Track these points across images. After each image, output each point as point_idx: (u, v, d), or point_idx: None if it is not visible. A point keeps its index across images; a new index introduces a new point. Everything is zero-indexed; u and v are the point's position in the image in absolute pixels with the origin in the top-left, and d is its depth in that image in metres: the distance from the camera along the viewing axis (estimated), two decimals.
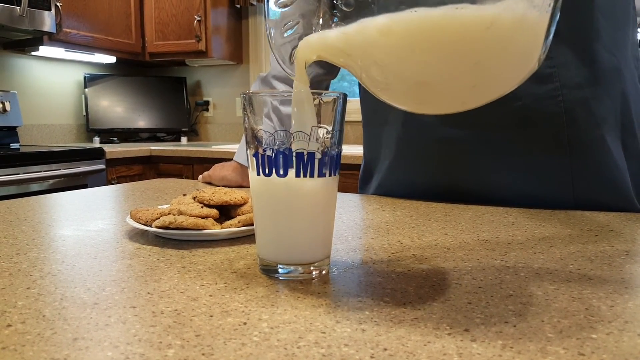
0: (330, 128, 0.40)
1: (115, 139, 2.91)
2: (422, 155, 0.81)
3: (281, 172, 0.40)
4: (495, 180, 0.76)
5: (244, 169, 1.00)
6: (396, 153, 0.84)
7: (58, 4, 2.32)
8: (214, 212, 0.55)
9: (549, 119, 0.71)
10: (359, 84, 0.93)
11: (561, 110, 0.70)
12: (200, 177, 1.06)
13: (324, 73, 0.96)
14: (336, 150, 0.41)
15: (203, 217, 0.53)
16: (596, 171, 0.71)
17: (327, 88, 1.02)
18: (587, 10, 0.69)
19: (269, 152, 0.40)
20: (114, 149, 2.33)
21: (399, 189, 0.85)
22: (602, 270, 0.44)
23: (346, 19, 0.37)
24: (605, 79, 0.71)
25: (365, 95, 0.90)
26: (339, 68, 1.01)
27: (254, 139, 0.41)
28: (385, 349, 0.29)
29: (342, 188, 0.64)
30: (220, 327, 0.32)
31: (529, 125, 0.72)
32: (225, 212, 0.57)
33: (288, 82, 0.95)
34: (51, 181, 2.03)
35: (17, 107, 2.45)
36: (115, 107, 2.90)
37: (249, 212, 0.56)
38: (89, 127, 2.81)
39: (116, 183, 2.31)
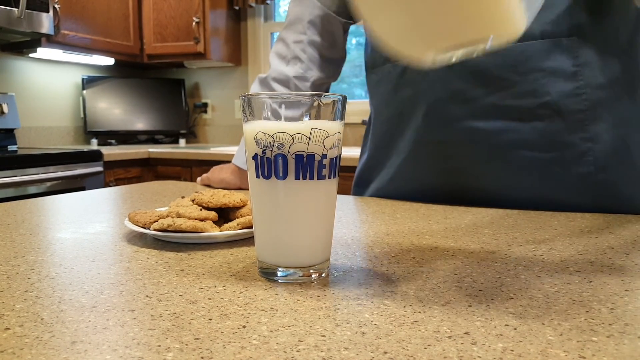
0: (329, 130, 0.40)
1: (113, 141, 2.91)
2: (437, 153, 0.79)
3: (280, 175, 0.40)
4: (513, 182, 0.75)
5: (242, 171, 1.00)
6: (413, 147, 0.82)
7: (56, 5, 2.32)
8: (213, 214, 0.54)
9: (573, 115, 0.71)
10: (366, 81, 0.92)
11: (585, 108, 0.70)
12: (198, 179, 1.06)
13: (325, 76, 0.96)
14: (336, 152, 0.41)
15: (202, 220, 0.53)
16: (616, 170, 0.71)
17: (327, 90, 1.02)
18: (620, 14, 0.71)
19: (268, 154, 0.40)
20: (111, 151, 2.33)
21: (407, 186, 0.84)
22: (603, 273, 0.44)
23: None
24: (628, 81, 0.72)
25: (376, 89, 0.88)
26: (340, 71, 1.01)
27: (253, 141, 0.41)
28: (386, 352, 0.29)
29: (342, 190, 0.63)
30: (219, 330, 0.32)
31: (554, 120, 0.72)
32: (224, 214, 0.57)
33: (287, 84, 0.95)
34: (49, 184, 2.03)
35: (15, 109, 2.45)
36: (114, 109, 2.90)
37: (248, 215, 0.56)
38: (87, 129, 2.81)
39: (114, 185, 2.30)
